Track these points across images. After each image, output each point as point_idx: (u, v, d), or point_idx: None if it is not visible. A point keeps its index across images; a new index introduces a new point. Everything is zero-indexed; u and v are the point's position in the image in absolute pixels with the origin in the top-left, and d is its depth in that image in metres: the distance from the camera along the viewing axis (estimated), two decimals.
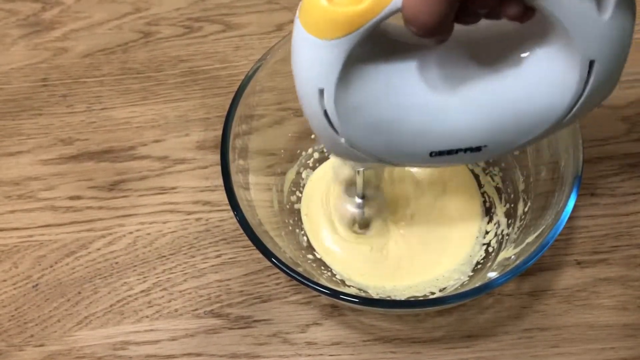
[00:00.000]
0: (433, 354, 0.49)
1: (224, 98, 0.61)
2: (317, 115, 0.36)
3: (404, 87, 0.36)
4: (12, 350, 0.51)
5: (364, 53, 0.34)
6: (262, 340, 0.50)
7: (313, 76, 0.34)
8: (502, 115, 0.36)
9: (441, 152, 0.38)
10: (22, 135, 0.60)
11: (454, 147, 0.38)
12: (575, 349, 0.48)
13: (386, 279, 0.51)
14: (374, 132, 0.37)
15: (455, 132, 0.37)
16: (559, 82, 0.34)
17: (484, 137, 0.37)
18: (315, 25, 0.32)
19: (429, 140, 0.37)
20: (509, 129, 0.37)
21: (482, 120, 0.36)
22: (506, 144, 0.38)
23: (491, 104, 0.36)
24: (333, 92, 0.34)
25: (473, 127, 0.37)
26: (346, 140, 0.37)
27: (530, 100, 0.35)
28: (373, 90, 0.35)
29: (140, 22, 0.66)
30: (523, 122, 0.36)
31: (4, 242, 0.55)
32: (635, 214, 0.53)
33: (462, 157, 0.38)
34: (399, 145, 0.38)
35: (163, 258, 0.53)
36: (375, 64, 0.35)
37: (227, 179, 0.45)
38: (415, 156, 0.39)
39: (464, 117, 0.36)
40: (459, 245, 0.52)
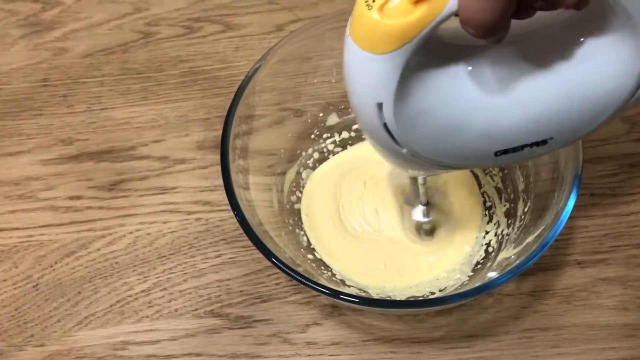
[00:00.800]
0: (433, 354, 0.49)
1: (224, 98, 0.61)
2: (376, 129, 0.35)
3: (463, 90, 0.35)
4: (12, 350, 0.51)
5: (419, 62, 0.33)
6: (262, 340, 0.50)
7: (370, 91, 0.34)
8: (565, 106, 0.35)
9: (506, 151, 0.37)
10: (22, 135, 0.60)
11: (519, 144, 0.37)
12: (576, 349, 0.48)
13: (387, 280, 0.51)
14: (436, 139, 0.36)
15: (519, 129, 0.36)
16: (621, 66, 0.34)
17: (548, 130, 0.36)
18: (367, 40, 0.31)
19: (492, 140, 0.37)
20: (572, 119, 0.36)
21: (545, 114, 0.36)
22: (572, 133, 0.37)
23: (552, 95, 0.35)
24: (392, 105, 0.33)
25: (536, 122, 0.36)
26: (408, 151, 0.36)
27: (593, 88, 0.35)
28: (432, 98, 0.35)
29: (140, 22, 0.66)
30: (587, 109, 0.36)
31: (4, 242, 0.55)
32: (635, 214, 0.53)
33: (528, 152, 0.37)
34: (463, 149, 0.37)
35: (163, 258, 0.53)
36: (432, 71, 0.34)
37: (227, 179, 0.45)
38: (480, 158, 0.38)
39: (526, 112, 0.36)
40: (459, 245, 0.52)
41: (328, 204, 0.54)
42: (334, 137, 0.56)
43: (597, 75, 0.35)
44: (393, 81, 0.32)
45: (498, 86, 0.35)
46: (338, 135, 0.56)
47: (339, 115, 0.56)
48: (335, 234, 0.52)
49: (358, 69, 0.33)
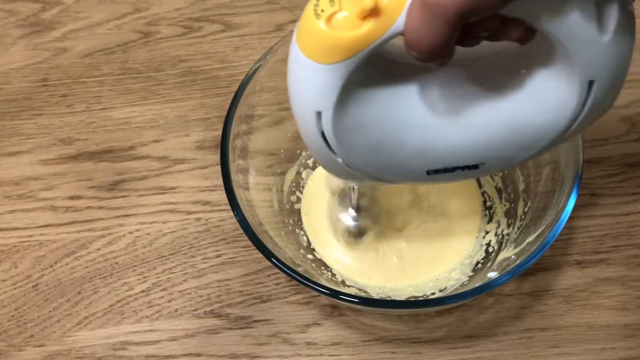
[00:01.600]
0: (433, 354, 0.49)
1: (224, 98, 0.61)
2: (314, 137, 0.35)
3: (402, 108, 0.35)
4: (12, 350, 0.51)
5: (362, 75, 0.33)
6: (262, 340, 0.50)
7: (310, 99, 0.34)
8: (501, 134, 0.36)
9: (438, 170, 0.38)
10: (22, 135, 0.60)
11: (451, 165, 0.38)
12: (576, 349, 0.48)
13: (387, 280, 0.51)
14: (371, 152, 0.37)
15: (453, 151, 0.37)
16: (558, 101, 0.34)
17: (482, 155, 0.37)
18: (313, 48, 0.31)
19: (426, 159, 0.37)
20: (507, 147, 0.37)
21: (480, 139, 0.36)
22: (504, 160, 0.38)
23: (490, 122, 0.36)
24: (331, 115, 0.34)
25: (471, 146, 0.37)
26: (343, 161, 0.37)
27: (529, 119, 0.35)
28: (371, 112, 0.35)
29: (140, 22, 0.66)
30: (521, 140, 0.36)
31: (4, 242, 0.55)
32: (635, 214, 0.53)
33: (459, 174, 0.38)
34: (396, 165, 0.38)
35: (163, 258, 0.53)
36: (374, 85, 0.35)
37: (227, 179, 0.45)
38: (412, 175, 0.39)
39: (462, 136, 0.36)
40: (459, 245, 0.52)
41: (328, 204, 0.54)
42: None
43: (535, 108, 0.35)
44: (334, 92, 0.33)
45: (436, 108, 0.36)
46: None
47: None
48: (335, 234, 0.52)
49: (301, 76, 0.33)
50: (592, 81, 0.33)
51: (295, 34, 0.33)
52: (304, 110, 0.35)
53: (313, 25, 0.30)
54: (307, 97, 0.34)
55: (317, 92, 0.33)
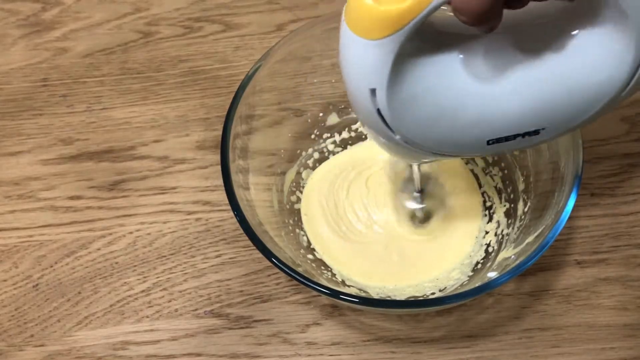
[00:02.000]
0: (433, 354, 0.49)
1: (224, 98, 0.61)
2: (370, 115, 0.35)
3: (455, 78, 0.35)
4: (12, 350, 0.51)
5: (412, 48, 0.33)
6: (262, 340, 0.50)
7: (364, 77, 0.34)
8: (557, 96, 0.36)
9: (499, 139, 0.37)
10: (22, 135, 0.60)
11: (511, 133, 0.37)
12: (575, 349, 0.48)
13: (387, 279, 0.51)
14: (428, 126, 0.36)
15: (511, 118, 0.36)
16: (612, 60, 0.34)
17: (540, 120, 0.37)
18: (362, 25, 0.32)
19: (485, 128, 0.37)
20: (564, 109, 0.36)
21: (537, 103, 0.36)
22: (563, 124, 0.37)
23: (544, 85, 0.35)
24: (385, 91, 0.34)
25: (528, 111, 0.36)
26: (401, 137, 0.37)
27: (584, 79, 0.35)
28: (425, 85, 0.35)
29: (140, 22, 0.66)
30: (578, 101, 0.36)
31: (4, 242, 0.55)
32: (635, 214, 0.53)
33: (520, 142, 0.38)
34: (455, 137, 0.37)
35: (163, 258, 0.54)
36: (425, 58, 0.34)
37: (227, 179, 0.45)
38: (472, 146, 0.38)
39: (518, 102, 0.36)
40: (459, 245, 0.52)
41: (328, 204, 0.54)
42: (334, 137, 0.56)
43: (589, 67, 0.35)
44: (386, 67, 0.33)
45: (490, 75, 0.36)
46: (338, 135, 0.56)
47: (339, 115, 0.56)
48: (335, 234, 0.52)
49: (352, 54, 0.33)
50: None
51: (343, 14, 0.33)
52: (358, 89, 0.35)
53: (361, 2, 0.31)
54: (360, 75, 0.34)
55: (370, 69, 0.33)
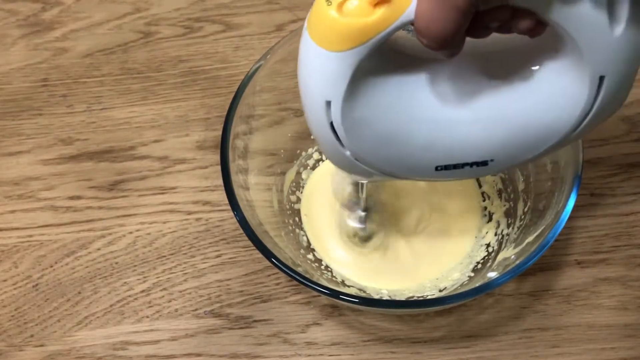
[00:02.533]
0: (433, 354, 0.49)
1: (224, 98, 0.61)
2: (322, 127, 0.35)
3: (412, 100, 0.35)
4: (12, 350, 0.51)
5: (372, 65, 0.33)
6: (262, 340, 0.50)
7: (320, 88, 0.34)
8: (510, 130, 0.36)
9: (447, 166, 0.37)
10: (22, 135, 0.60)
11: (460, 161, 0.37)
12: (575, 349, 0.48)
13: (387, 279, 0.51)
14: (380, 145, 0.36)
15: (462, 146, 0.37)
16: (568, 97, 0.34)
17: (490, 151, 0.37)
18: (323, 36, 0.32)
19: (435, 154, 0.37)
20: (516, 144, 0.37)
21: (490, 134, 0.36)
22: (512, 158, 0.38)
23: (499, 117, 0.36)
24: (340, 105, 0.34)
25: (480, 141, 0.36)
26: (352, 153, 0.37)
27: (539, 115, 0.35)
28: (381, 103, 0.35)
29: (140, 22, 0.66)
30: (530, 136, 0.36)
31: (4, 242, 0.55)
32: (635, 214, 0.53)
33: (467, 171, 0.38)
34: (405, 159, 0.37)
35: (163, 258, 0.53)
36: (384, 76, 0.35)
37: (227, 179, 0.45)
38: (420, 170, 0.38)
39: (471, 131, 0.36)
40: (459, 245, 0.52)
41: (328, 204, 0.54)
42: None
43: (544, 103, 0.35)
44: (344, 80, 0.33)
45: (446, 101, 0.36)
46: None
47: None
48: (335, 234, 0.52)
49: (311, 64, 0.33)
50: (603, 77, 0.33)
51: (306, 22, 0.33)
52: (313, 99, 0.35)
53: (324, 12, 0.31)
54: (317, 86, 0.34)
55: (327, 80, 0.33)
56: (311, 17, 0.32)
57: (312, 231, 0.53)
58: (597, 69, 0.32)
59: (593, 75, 0.33)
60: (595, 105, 0.34)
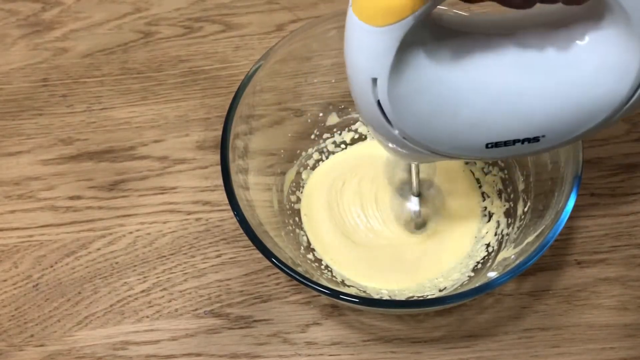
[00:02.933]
0: (433, 354, 0.49)
1: (224, 98, 0.61)
2: (370, 106, 0.35)
3: (457, 76, 0.35)
4: (12, 350, 0.51)
5: (417, 40, 0.33)
6: (262, 340, 0.50)
7: (366, 65, 0.34)
8: (560, 104, 0.35)
9: (498, 143, 0.37)
10: (22, 135, 0.60)
11: (511, 138, 0.37)
12: (575, 349, 0.48)
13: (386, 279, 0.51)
14: (427, 122, 0.36)
15: (511, 122, 0.36)
16: (617, 68, 0.34)
17: (541, 127, 0.36)
18: (367, 11, 0.32)
19: (485, 130, 0.36)
20: (567, 118, 0.36)
21: (540, 109, 0.36)
22: (564, 133, 0.37)
23: (546, 93, 0.35)
24: (387, 81, 0.34)
25: (528, 117, 0.36)
26: (400, 132, 0.36)
27: (589, 88, 0.35)
28: (427, 79, 0.35)
29: (140, 22, 0.66)
30: (581, 110, 0.36)
31: (4, 242, 0.55)
32: (635, 214, 0.53)
33: (519, 148, 0.37)
34: (454, 136, 0.37)
35: (163, 258, 0.54)
36: (429, 52, 0.34)
37: (227, 179, 0.45)
38: (470, 148, 0.38)
39: (518, 106, 0.36)
40: (459, 245, 0.52)
41: (328, 204, 0.54)
42: (334, 137, 0.56)
43: (592, 77, 0.35)
44: (389, 56, 0.33)
45: (493, 77, 0.35)
46: (338, 135, 0.56)
47: (339, 115, 0.56)
48: (335, 234, 0.52)
49: (356, 41, 0.33)
50: None
51: (350, 1, 0.33)
52: (360, 78, 0.34)
53: None
54: (362, 63, 0.34)
55: (373, 57, 0.33)
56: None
57: (312, 231, 0.53)
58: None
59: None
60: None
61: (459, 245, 0.52)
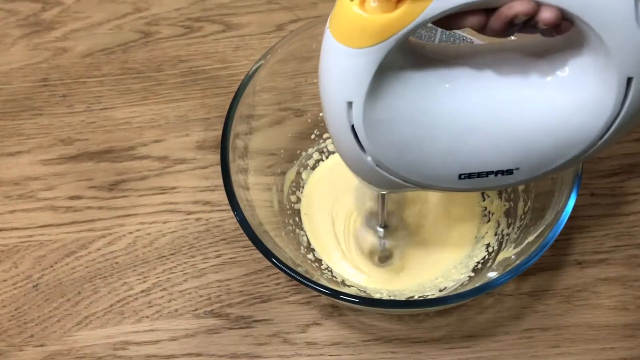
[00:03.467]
0: (433, 354, 0.49)
1: (224, 98, 0.61)
2: (343, 131, 0.35)
3: (433, 104, 0.35)
4: (12, 350, 0.51)
5: (394, 64, 0.33)
6: (262, 340, 0.50)
7: (342, 88, 0.33)
8: (536, 135, 0.35)
9: (471, 174, 0.37)
10: (22, 135, 0.60)
11: (484, 170, 0.36)
12: (576, 349, 0.48)
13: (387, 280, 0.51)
14: (402, 149, 0.36)
15: (486, 153, 0.36)
16: (594, 103, 0.33)
17: (515, 159, 0.36)
18: (346, 33, 0.31)
19: (458, 160, 0.36)
20: (541, 151, 0.36)
21: (515, 140, 0.35)
22: (538, 167, 0.37)
23: (525, 122, 0.35)
24: (362, 105, 0.33)
25: (505, 147, 0.36)
26: (373, 159, 0.36)
27: (565, 121, 0.35)
28: (403, 105, 0.35)
29: (140, 22, 0.66)
30: (556, 143, 0.35)
31: (4, 242, 0.55)
32: (635, 214, 0.53)
33: (492, 180, 0.37)
34: (427, 166, 0.37)
35: (163, 258, 0.53)
36: (406, 78, 0.34)
37: (227, 179, 0.45)
38: (443, 178, 0.37)
39: (495, 137, 0.35)
40: (459, 245, 0.52)
41: (328, 204, 0.54)
42: None
43: (569, 110, 0.34)
44: (366, 79, 0.32)
45: (468, 107, 0.35)
46: None
47: None
48: (335, 234, 0.52)
49: (333, 63, 0.33)
50: (631, 78, 0.32)
51: (328, 22, 0.33)
52: (334, 101, 0.34)
53: (347, 9, 0.31)
54: (338, 85, 0.33)
55: (349, 79, 0.33)
56: (334, 14, 0.32)
57: (312, 231, 0.53)
58: (625, 70, 0.32)
59: (621, 76, 0.32)
60: (622, 110, 0.33)
61: (460, 246, 0.52)
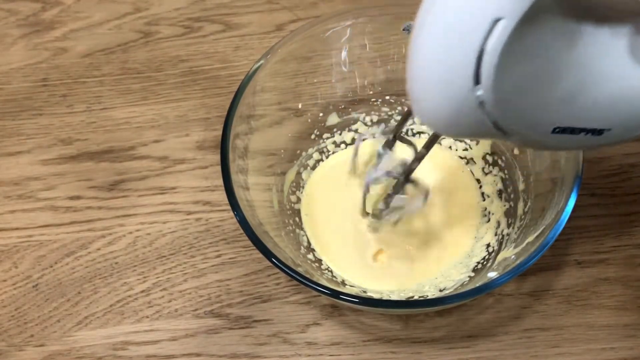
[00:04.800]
0: (433, 354, 0.49)
1: (224, 98, 0.61)
2: (460, 53, 0.31)
3: (569, 55, 0.33)
4: (12, 350, 0.51)
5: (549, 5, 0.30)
6: (262, 340, 0.50)
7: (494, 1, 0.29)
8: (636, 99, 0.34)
9: (565, 130, 0.35)
10: (22, 135, 0.60)
11: (580, 126, 0.35)
12: (576, 349, 0.48)
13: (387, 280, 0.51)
14: (519, 89, 0.33)
15: (589, 110, 0.34)
16: None
17: (613, 120, 0.35)
18: None
19: (562, 111, 0.34)
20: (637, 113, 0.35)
21: (620, 103, 0.34)
22: (629, 129, 0.36)
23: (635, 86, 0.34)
24: (513, 26, 0.29)
25: (607, 108, 0.35)
26: (484, 93, 0.32)
27: None
28: (542, 44, 0.32)
29: (140, 22, 0.66)
30: None
31: (4, 242, 0.55)
32: (635, 214, 0.53)
33: (581, 139, 0.35)
34: (533, 112, 0.34)
35: (163, 258, 0.53)
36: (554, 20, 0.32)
37: (227, 179, 0.45)
38: (538, 127, 0.35)
39: (605, 96, 0.34)
40: (459, 245, 0.52)
41: (328, 204, 0.54)
42: (334, 137, 0.56)
43: None
44: None
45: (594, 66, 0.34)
46: (338, 135, 0.56)
47: (339, 115, 0.56)
48: (335, 235, 0.52)
49: None
50: None
51: None
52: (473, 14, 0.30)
53: None
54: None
55: None
56: None
57: (312, 231, 0.53)
58: None
59: None
60: None
61: (460, 245, 0.52)
